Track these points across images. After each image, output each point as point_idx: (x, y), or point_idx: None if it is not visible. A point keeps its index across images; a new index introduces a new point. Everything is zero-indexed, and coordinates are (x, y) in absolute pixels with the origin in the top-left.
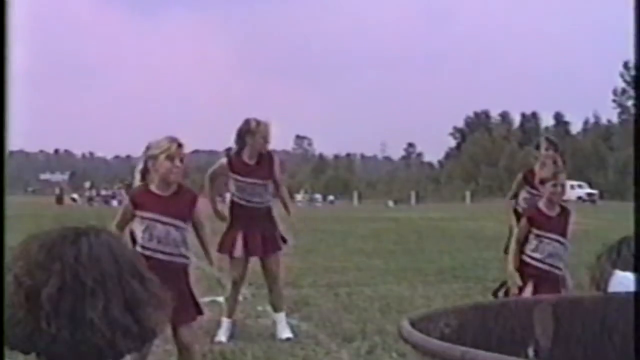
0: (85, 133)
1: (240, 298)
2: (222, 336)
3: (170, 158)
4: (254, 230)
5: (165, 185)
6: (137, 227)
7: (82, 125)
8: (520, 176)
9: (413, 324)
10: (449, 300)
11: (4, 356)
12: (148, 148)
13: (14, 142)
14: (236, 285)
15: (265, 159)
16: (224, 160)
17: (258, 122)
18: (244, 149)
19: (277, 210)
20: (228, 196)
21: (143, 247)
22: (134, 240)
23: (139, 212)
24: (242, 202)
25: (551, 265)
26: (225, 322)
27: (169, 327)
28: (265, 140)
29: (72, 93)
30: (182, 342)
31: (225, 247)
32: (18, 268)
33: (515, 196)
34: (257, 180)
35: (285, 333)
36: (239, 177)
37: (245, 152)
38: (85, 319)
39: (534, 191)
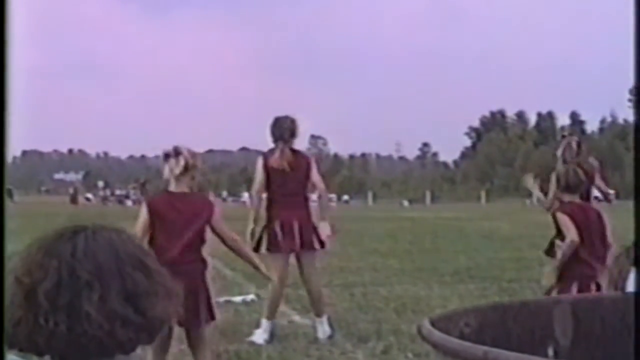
0: (99, 133)
1: (255, 297)
2: (259, 338)
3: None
4: (291, 226)
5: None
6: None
7: (96, 125)
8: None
9: (433, 324)
10: (465, 300)
11: (4, 356)
12: (195, 155)
13: (28, 142)
14: (281, 282)
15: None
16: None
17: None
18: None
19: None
20: (245, 195)
21: None
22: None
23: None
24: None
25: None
26: (265, 323)
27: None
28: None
29: (86, 93)
30: (194, 345)
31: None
32: (18, 269)
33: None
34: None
35: (324, 333)
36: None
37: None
38: (82, 312)
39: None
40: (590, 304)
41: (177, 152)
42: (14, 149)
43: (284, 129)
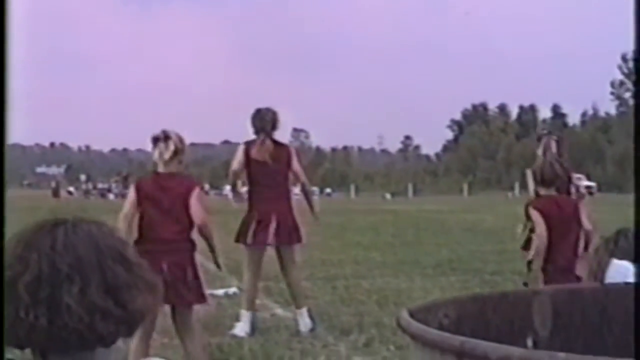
0: (82, 126)
1: (237, 291)
2: (240, 330)
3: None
4: (269, 220)
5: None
6: None
7: (78, 119)
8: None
9: (412, 315)
10: (446, 292)
11: (3, 356)
12: (182, 140)
13: (10, 135)
14: (255, 273)
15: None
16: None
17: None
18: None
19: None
20: (227, 188)
21: None
22: None
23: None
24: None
25: None
26: (245, 314)
27: (167, 317)
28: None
29: (68, 86)
30: (182, 331)
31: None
32: None
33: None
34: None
35: (306, 326)
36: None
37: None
38: (62, 305)
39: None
40: (569, 295)
41: (166, 136)
42: None
43: (265, 120)
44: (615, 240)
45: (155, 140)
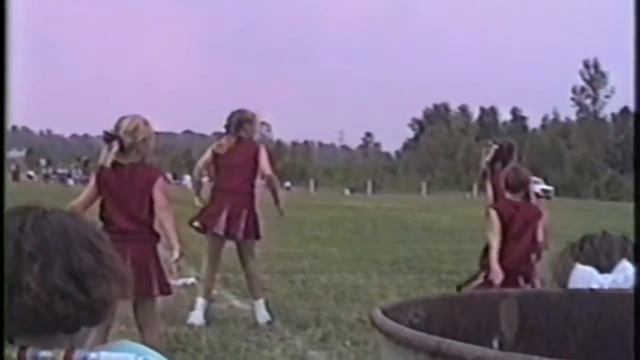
0: (44, 110)
1: (195, 281)
2: (196, 318)
3: (152, 142)
4: (237, 212)
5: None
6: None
7: (40, 103)
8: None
9: (385, 313)
10: (403, 290)
11: (4, 356)
12: (136, 129)
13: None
14: (214, 263)
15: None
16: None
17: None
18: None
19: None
20: (187, 178)
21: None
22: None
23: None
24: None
25: None
26: (201, 302)
27: (127, 306)
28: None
29: (31, 70)
30: (142, 321)
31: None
32: None
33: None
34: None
35: (263, 318)
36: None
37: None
38: (22, 283)
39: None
40: (536, 299)
41: (111, 137)
42: None
43: (230, 120)
44: (581, 246)
45: (104, 139)
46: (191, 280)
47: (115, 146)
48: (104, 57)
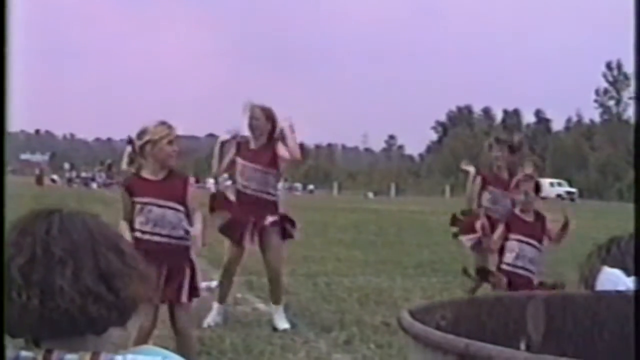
0: (67, 114)
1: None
2: (211, 321)
3: (170, 143)
4: (260, 219)
5: (160, 169)
6: (134, 213)
7: (64, 107)
8: (479, 179)
9: (412, 316)
10: (427, 293)
11: (4, 356)
12: (144, 132)
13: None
14: (231, 269)
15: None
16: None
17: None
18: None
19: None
20: (211, 181)
21: (140, 231)
22: (132, 228)
23: (134, 199)
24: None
25: (527, 270)
26: (217, 307)
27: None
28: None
29: (54, 74)
30: (178, 324)
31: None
32: None
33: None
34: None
35: (282, 324)
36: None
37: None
38: (55, 286)
39: (497, 191)
40: (563, 301)
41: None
42: None
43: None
44: (608, 248)
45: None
46: (214, 283)
47: (128, 149)
48: (128, 60)
